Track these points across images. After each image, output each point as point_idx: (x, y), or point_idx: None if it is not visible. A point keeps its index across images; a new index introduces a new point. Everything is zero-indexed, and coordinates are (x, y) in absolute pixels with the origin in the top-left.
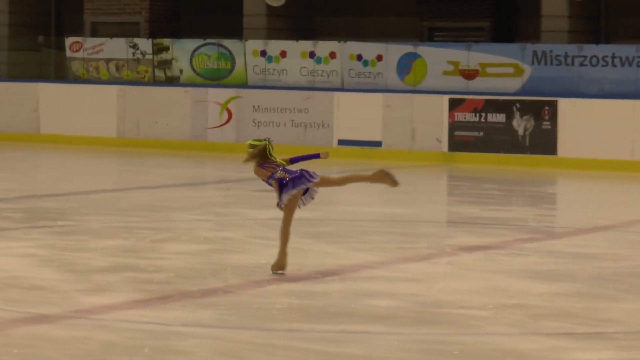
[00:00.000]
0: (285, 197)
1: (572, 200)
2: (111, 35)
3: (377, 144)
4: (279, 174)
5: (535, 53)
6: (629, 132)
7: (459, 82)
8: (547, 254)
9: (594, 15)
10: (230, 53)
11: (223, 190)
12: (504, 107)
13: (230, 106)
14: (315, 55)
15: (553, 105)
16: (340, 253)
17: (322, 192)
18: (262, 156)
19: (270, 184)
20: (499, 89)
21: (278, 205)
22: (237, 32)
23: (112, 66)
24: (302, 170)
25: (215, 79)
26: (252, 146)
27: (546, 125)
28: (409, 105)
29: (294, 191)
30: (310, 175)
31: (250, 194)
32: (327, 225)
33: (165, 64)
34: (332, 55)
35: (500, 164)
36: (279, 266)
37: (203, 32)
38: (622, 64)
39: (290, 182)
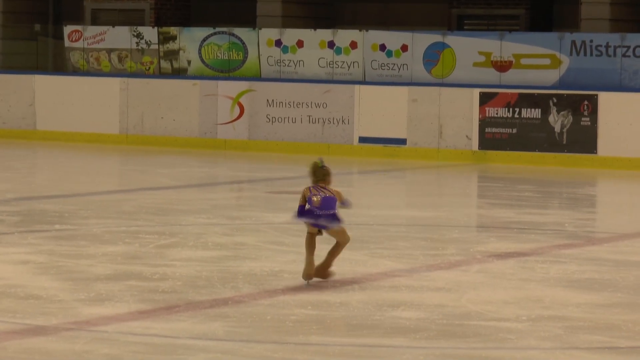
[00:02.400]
0: (297, 219)
1: (613, 202)
2: (113, 24)
3: (402, 141)
4: (315, 198)
5: (574, 43)
6: None
7: (490, 75)
8: (587, 262)
9: (638, 2)
10: (243, 43)
11: (235, 191)
12: (539, 101)
13: (242, 100)
14: (334, 45)
15: (593, 100)
16: (361, 260)
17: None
18: (316, 177)
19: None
20: (535, 82)
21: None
22: (250, 20)
23: (114, 57)
24: (334, 214)
25: (226, 70)
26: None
27: (585, 121)
28: (436, 99)
29: (309, 225)
30: (330, 222)
31: (265, 196)
32: (347, 230)
33: (172, 55)
34: (353, 45)
35: (535, 164)
36: (307, 275)
37: (213, 20)
38: None
39: (310, 213)
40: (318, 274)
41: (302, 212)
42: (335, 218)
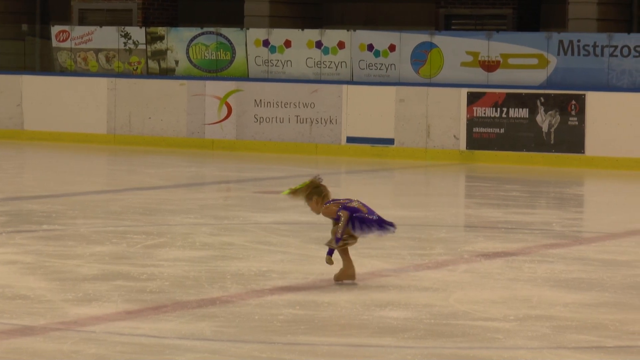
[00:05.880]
0: (358, 232)
1: (601, 202)
2: (101, 24)
3: (389, 141)
4: (355, 203)
5: (561, 43)
6: None
7: (478, 74)
8: (574, 261)
9: (625, 2)
10: (230, 43)
11: (223, 191)
12: (527, 101)
13: (230, 100)
14: (322, 45)
15: (580, 100)
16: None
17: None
18: (318, 194)
19: (338, 218)
20: (522, 82)
21: (338, 241)
22: (237, 20)
23: (102, 57)
24: (380, 217)
25: (213, 70)
26: (294, 191)
27: (573, 121)
28: (423, 99)
29: (365, 234)
30: (389, 226)
31: (252, 196)
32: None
33: (160, 55)
34: (341, 45)
35: (522, 163)
36: (348, 276)
37: (200, 20)
38: None
39: (367, 221)
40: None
41: (365, 223)
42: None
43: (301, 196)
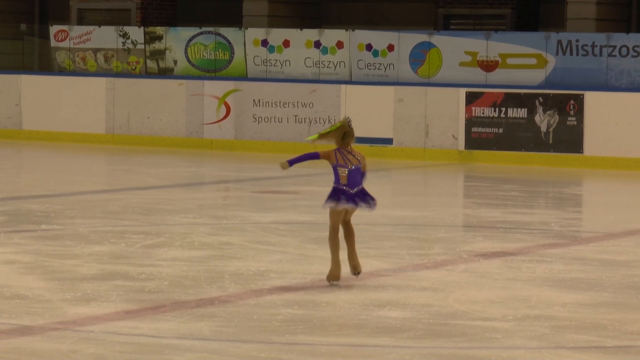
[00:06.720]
0: (330, 204)
1: (599, 202)
2: (100, 23)
3: (388, 141)
4: (344, 172)
5: (560, 43)
6: None
7: (477, 74)
8: (573, 261)
9: (624, 2)
10: (229, 42)
11: (221, 191)
12: (525, 101)
13: (228, 100)
14: (321, 44)
15: (579, 99)
16: (348, 259)
17: (326, 193)
18: (345, 138)
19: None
20: (521, 82)
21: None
22: (236, 20)
23: (100, 57)
24: (363, 189)
25: (212, 70)
26: (324, 135)
27: (571, 120)
28: (422, 99)
29: (339, 207)
30: (367, 201)
31: (251, 196)
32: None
33: (158, 55)
34: (340, 44)
35: (521, 163)
36: (333, 276)
37: (199, 20)
38: None
39: (343, 194)
40: (355, 269)
41: (334, 194)
42: (367, 193)
43: (332, 139)
